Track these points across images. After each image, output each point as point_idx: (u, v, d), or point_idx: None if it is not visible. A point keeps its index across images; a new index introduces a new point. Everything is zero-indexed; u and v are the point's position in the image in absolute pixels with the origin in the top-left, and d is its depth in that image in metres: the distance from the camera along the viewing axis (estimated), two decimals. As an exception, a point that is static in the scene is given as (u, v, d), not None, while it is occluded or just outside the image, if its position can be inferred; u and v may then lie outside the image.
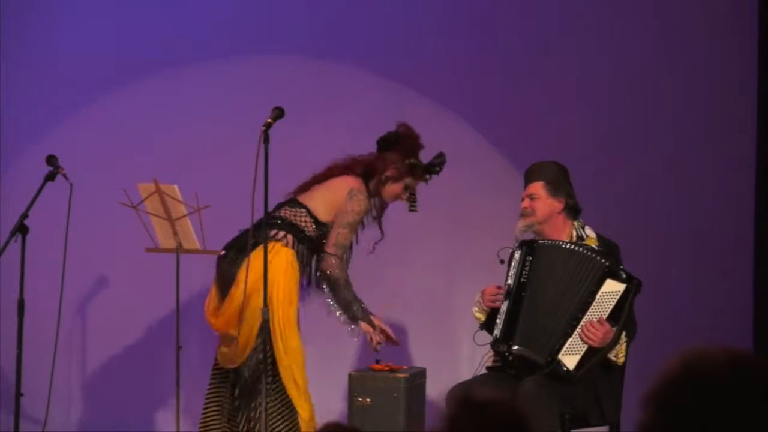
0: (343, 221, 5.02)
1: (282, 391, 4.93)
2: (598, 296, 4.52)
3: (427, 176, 5.15)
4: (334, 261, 5.02)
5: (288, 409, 4.96)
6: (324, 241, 5.07)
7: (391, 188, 5.11)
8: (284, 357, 4.89)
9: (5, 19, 6.57)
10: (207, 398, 5.14)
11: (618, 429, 4.70)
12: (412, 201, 5.18)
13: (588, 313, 4.52)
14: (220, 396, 5.10)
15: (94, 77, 6.53)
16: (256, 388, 4.90)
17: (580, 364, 4.52)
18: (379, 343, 5.07)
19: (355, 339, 5.22)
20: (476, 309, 4.80)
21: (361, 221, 5.08)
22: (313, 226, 5.06)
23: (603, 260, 4.53)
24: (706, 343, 1.78)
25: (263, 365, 4.79)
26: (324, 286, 5.09)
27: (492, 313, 4.72)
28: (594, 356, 4.52)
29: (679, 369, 1.74)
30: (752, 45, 6.04)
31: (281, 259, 4.95)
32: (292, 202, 5.13)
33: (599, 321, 4.49)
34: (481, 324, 4.80)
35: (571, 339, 4.52)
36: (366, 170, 5.10)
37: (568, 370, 4.52)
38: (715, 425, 1.69)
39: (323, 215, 5.06)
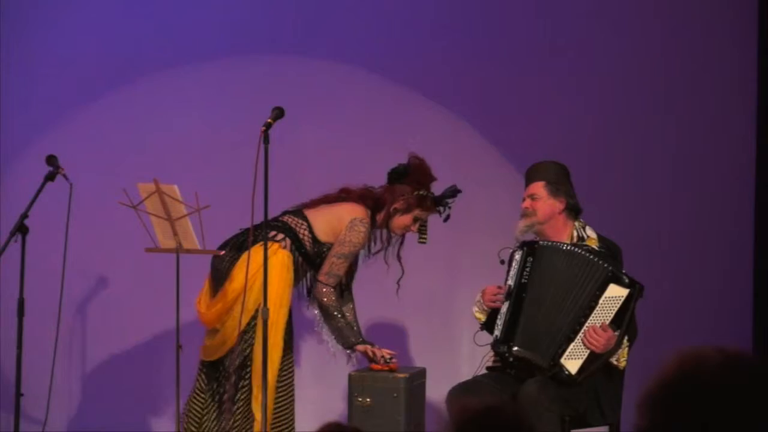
0: (338, 251, 5.05)
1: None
2: (600, 301, 4.51)
3: (439, 208, 5.14)
4: (325, 290, 5.05)
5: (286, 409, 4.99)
6: (319, 259, 5.09)
7: (400, 220, 5.12)
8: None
9: (5, 19, 6.57)
10: (189, 396, 5.16)
11: (618, 430, 4.70)
12: (422, 232, 5.17)
13: (591, 318, 4.51)
14: (200, 393, 5.12)
15: (94, 77, 6.53)
16: (234, 383, 4.94)
17: (582, 368, 4.52)
18: (383, 356, 5.08)
19: (349, 364, 5.21)
20: (477, 309, 4.80)
21: (357, 253, 5.09)
22: (310, 242, 5.08)
23: (605, 264, 4.52)
24: (702, 344, 1.78)
25: (263, 365, 4.80)
26: (315, 311, 5.13)
27: (492, 314, 4.72)
28: (596, 361, 4.52)
29: (675, 371, 1.74)
30: (752, 45, 6.04)
31: (277, 260, 4.96)
32: (297, 212, 5.16)
33: (602, 327, 4.48)
34: (481, 324, 4.80)
35: (573, 343, 4.52)
36: (376, 203, 5.11)
37: (569, 374, 4.51)
38: (713, 426, 1.68)
39: (321, 235, 5.09)
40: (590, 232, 4.73)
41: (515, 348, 4.59)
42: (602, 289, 4.51)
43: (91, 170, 6.21)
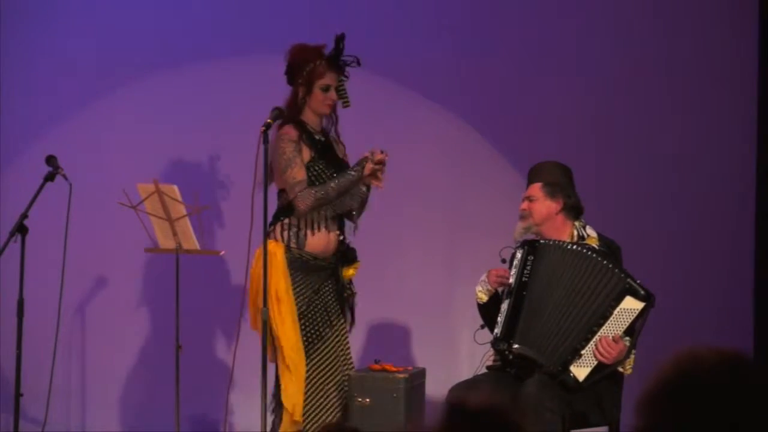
0: (278, 168, 4.96)
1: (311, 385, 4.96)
2: (615, 312, 4.48)
3: (342, 62, 5.05)
4: (300, 197, 4.91)
5: (317, 402, 5.00)
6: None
7: (313, 100, 5.04)
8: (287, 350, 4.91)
9: (5, 19, 6.57)
10: None
11: (618, 429, 4.70)
12: (341, 97, 5.08)
13: (603, 328, 4.49)
14: None
15: (94, 77, 6.52)
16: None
17: (590, 376, 4.51)
18: (381, 159, 4.97)
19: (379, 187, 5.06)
20: (480, 288, 4.77)
21: (291, 156, 4.94)
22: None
23: (622, 274, 4.48)
24: (699, 345, 1.78)
25: (264, 366, 4.80)
26: (321, 221, 5.01)
27: (493, 307, 4.70)
28: (604, 370, 4.52)
29: (672, 371, 1.74)
30: (752, 45, 6.04)
31: (268, 255, 4.90)
32: (278, 194, 5.10)
33: (614, 339, 4.47)
34: (481, 308, 4.77)
35: (583, 351, 4.50)
36: (294, 110, 5.02)
37: (577, 381, 4.51)
38: (710, 426, 1.69)
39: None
40: (590, 231, 4.73)
41: (515, 346, 4.59)
42: (618, 300, 4.48)
43: (91, 170, 6.21)
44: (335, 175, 5.02)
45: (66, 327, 6.23)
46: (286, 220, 5.01)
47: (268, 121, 4.83)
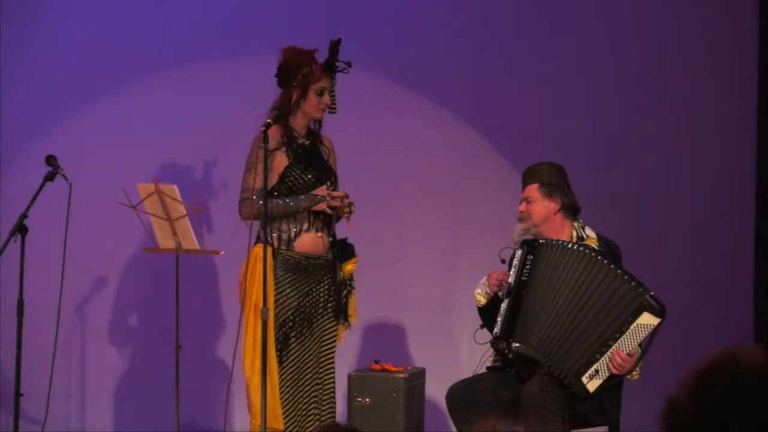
0: (244, 167, 4.98)
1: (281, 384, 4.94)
2: (632, 327, 4.47)
3: (337, 67, 5.04)
4: (244, 206, 4.91)
5: (289, 405, 4.97)
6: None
7: (307, 105, 5.03)
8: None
9: (5, 20, 6.57)
10: None
11: (618, 428, 4.70)
12: (330, 103, 5.06)
13: (618, 342, 4.48)
14: None
15: (94, 77, 6.53)
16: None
17: (600, 386, 4.50)
18: (348, 206, 4.90)
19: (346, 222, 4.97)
20: (479, 291, 4.76)
21: (253, 161, 4.93)
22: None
23: (640, 289, 4.46)
24: (744, 343, 1.79)
25: (263, 365, 4.80)
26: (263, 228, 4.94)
27: (492, 310, 4.70)
28: (613, 379, 4.52)
29: (718, 362, 1.75)
30: (752, 45, 6.04)
31: (255, 260, 4.90)
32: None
33: (629, 354, 4.46)
34: (480, 311, 4.77)
35: (597, 364, 4.48)
36: (283, 113, 5.00)
37: (587, 391, 4.50)
38: (744, 423, 1.70)
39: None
40: (590, 231, 4.73)
41: (515, 345, 4.59)
42: (635, 315, 4.44)
43: (90, 170, 6.22)
44: (311, 177, 5.01)
45: (66, 327, 6.24)
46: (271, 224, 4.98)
47: (268, 120, 4.82)
